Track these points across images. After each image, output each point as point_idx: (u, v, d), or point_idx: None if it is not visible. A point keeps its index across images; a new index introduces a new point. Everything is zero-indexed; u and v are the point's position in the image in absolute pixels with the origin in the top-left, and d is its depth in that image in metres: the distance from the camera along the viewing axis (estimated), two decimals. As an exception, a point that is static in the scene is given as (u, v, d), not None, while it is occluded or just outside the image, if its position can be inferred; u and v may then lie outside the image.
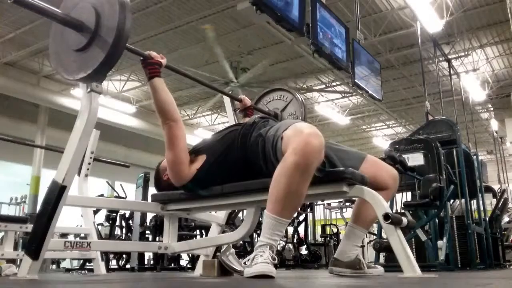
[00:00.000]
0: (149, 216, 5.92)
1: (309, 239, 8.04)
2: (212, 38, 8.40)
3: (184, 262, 6.90)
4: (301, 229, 7.79)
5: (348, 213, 8.73)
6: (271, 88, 2.82)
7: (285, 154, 1.56)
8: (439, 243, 3.79)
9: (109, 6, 1.53)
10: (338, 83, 11.93)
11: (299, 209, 6.09)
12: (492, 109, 13.74)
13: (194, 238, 5.81)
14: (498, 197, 5.53)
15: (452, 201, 4.43)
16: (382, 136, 16.29)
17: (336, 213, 10.47)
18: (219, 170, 1.84)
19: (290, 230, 7.69)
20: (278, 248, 6.92)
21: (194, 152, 1.91)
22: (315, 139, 1.53)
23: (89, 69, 1.54)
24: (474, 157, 4.71)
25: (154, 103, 1.84)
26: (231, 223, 5.05)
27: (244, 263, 1.56)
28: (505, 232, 6.85)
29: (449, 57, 9.11)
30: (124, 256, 6.12)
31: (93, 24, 1.54)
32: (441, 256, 3.68)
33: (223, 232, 2.60)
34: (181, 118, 1.91)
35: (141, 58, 1.86)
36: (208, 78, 10.97)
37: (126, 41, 1.54)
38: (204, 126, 14.49)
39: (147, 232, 6.03)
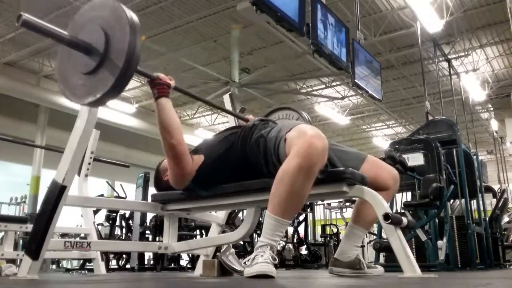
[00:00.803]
0: (149, 216, 5.92)
1: (309, 239, 8.04)
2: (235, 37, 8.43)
3: (184, 262, 6.90)
4: (301, 229, 7.79)
5: (348, 213, 8.73)
6: (276, 107, 2.80)
7: (289, 155, 1.56)
8: (439, 243, 3.79)
9: (119, 28, 1.47)
10: (338, 83, 11.93)
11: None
12: (492, 109, 13.74)
13: (194, 238, 5.81)
14: (498, 197, 5.53)
15: (452, 201, 4.43)
16: (382, 136, 16.29)
17: (336, 213, 10.47)
18: (219, 171, 1.84)
19: (290, 230, 7.69)
20: (278, 248, 6.91)
21: (194, 152, 1.91)
22: (319, 141, 1.53)
23: (98, 93, 1.47)
24: (474, 157, 4.71)
25: (158, 123, 1.79)
26: (231, 223, 5.05)
27: (244, 263, 1.57)
28: (505, 232, 6.85)
29: (449, 57, 9.11)
30: (124, 256, 6.11)
31: (102, 47, 1.47)
32: (441, 256, 3.69)
33: (223, 232, 2.60)
34: (182, 119, 1.91)
35: (149, 79, 1.83)
36: (208, 78, 11.00)
37: (137, 65, 1.47)
38: (204, 126, 14.49)
39: (147, 232, 6.03)
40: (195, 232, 6.13)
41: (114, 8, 1.52)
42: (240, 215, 5.65)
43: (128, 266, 5.92)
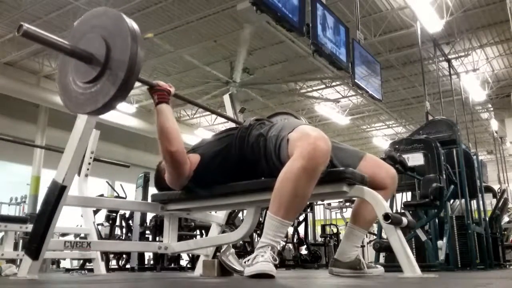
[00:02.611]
0: (149, 216, 5.92)
1: (309, 239, 8.03)
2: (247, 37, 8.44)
3: (184, 262, 6.90)
4: (301, 229, 7.79)
5: (348, 213, 8.72)
6: (273, 112, 2.79)
7: (292, 157, 1.56)
8: (439, 243, 3.79)
9: (120, 38, 1.46)
10: (338, 83, 11.93)
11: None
12: (492, 109, 13.74)
13: (194, 238, 5.81)
14: (498, 197, 5.53)
15: (452, 201, 4.43)
16: (382, 136, 16.29)
17: (336, 213, 10.48)
18: (216, 170, 1.84)
19: (290, 230, 7.68)
20: (279, 248, 6.92)
21: (192, 151, 1.91)
22: (323, 143, 1.54)
23: (99, 103, 1.47)
24: (474, 157, 4.71)
25: (158, 129, 1.78)
26: (231, 223, 5.05)
27: (245, 262, 1.57)
28: (505, 232, 6.86)
29: (449, 57, 9.11)
30: (124, 256, 6.11)
31: (103, 57, 1.47)
32: (441, 256, 3.68)
33: (223, 232, 2.60)
34: (182, 119, 1.91)
35: (149, 87, 1.83)
36: (208, 78, 11.00)
37: (138, 75, 1.46)
38: (204, 126, 14.49)
39: (147, 232, 6.03)
40: (195, 232, 6.13)
41: (115, 17, 1.51)
42: (240, 215, 5.65)
43: (128, 266, 5.92)
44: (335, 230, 8.89)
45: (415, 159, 3.81)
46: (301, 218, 7.64)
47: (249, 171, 1.79)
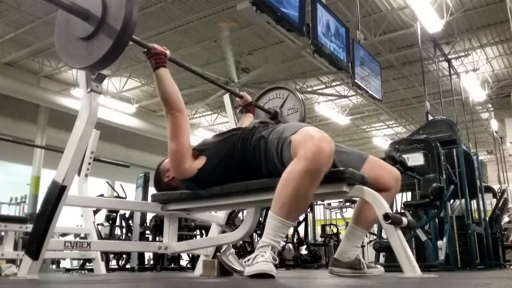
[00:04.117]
0: (149, 216, 5.92)
1: (309, 239, 8.04)
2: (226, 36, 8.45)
3: (184, 262, 6.90)
4: (301, 229, 7.79)
5: (348, 213, 8.73)
6: (265, 89, 2.79)
7: (295, 158, 1.55)
8: (439, 243, 3.79)
9: None
10: (338, 83, 11.93)
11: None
12: (492, 109, 13.74)
13: (194, 238, 5.81)
14: (498, 197, 5.53)
15: (452, 201, 4.43)
16: (382, 136, 16.29)
17: (336, 213, 10.47)
18: (220, 173, 1.84)
19: (290, 230, 7.68)
20: (279, 249, 6.92)
21: (196, 150, 1.91)
22: (327, 145, 1.53)
23: (95, 58, 1.53)
24: (474, 157, 4.71)
25: (159, 93, 1.84)
26: (231, 223, 5.05)
27: (245, 262, 1.57)
28: (505, 232, 6.85)
29: (449, 57, 9.11)
30: (124, 256, 6.11)
31: (99, 13, 1.52)
32: (441, 256, 3.69)
33: (223, 232, 2.60)
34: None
35: (146, 49, 1.86)
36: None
37: (133, 30, 1.52)
38: (204, 126, 14.49)
39: (147, 232, 6.03)
40: (195, 232, 6.13)
41: None
42: (240, 215, 5.65)
43: (128, 266, 5.91)
44: (335, 230, 8.89)
45: (415, 159, 3.81)
46: (301, 218, 7.63)
47: (251, 173, 1.79)
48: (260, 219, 4.65)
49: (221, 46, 9.40)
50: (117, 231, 6.63)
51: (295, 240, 7.63)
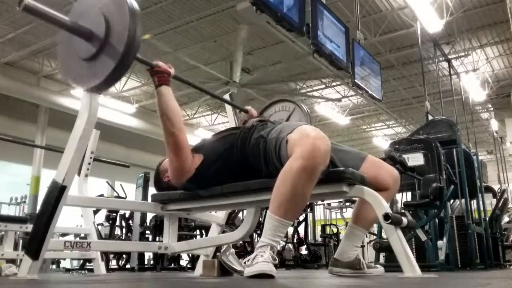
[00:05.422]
0: (149, 216, 5.92)
1: (309, 239, 8.04)
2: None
3: (184, 262, 6.90)
4: (301, 229, 7.79)
5: (348, 213, 8.72)
6: (272, 101, 2.79)
7: (291, 157, 1.56)
8: (439, 243, 3.79)
9: (119, 14, 1.48)
10: (338, 83, 11.93)
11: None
12: (492, 109, 13.74)
13: (194, 238, 5.81)
14: (498, 197, 5.53)
15: (452, 201, 4.43)
16: (382, 136, 16.29)
17: (336, 213, 10.47)
18: (218, 172, 1.84)
19: (290, 230, 7.68)
20: (278, 248, 6.92)
21: (194, 150, 1.91)
22: (322, 143, 1.54)
23: (99, 78, 1.50)
24: (474, 157, 4.71)
25: (159, 111, 1.81)
26: (231, 223, 5.05)
27: (244, 262, 1.57)
28: (505, 232, 6.85)
29: (449, 57, 9.10)
30: (124, 256, 6.11)
31: (102, 33, 1.49)
32: (441, 256, 3.69)
33: (223, 232, 2.60)
34: (182, 119, 1.91)
35: (149, 67, 1.84)
36: (208, 78, 10.99)
37: (137, 51, 1.49)
38: (204, 126, 14.49)
39: (147, 232, 6.03)
40: (195, 232, 6.13)
41: None
42: (240, 215, 5.65)
43: (128, 266, 5.91)
44: (335, 230, 8.89)
45: (415, 159, 3.81)
46: (301, 218, 7.64)
47: (250, 173, 1.79)
48: (260, 219, 4.64)
49: (227, 48, 9.40)
50: (117, 231, 6.63)
51: (295, 240, 7.63)
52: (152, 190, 2.44)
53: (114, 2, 1.52)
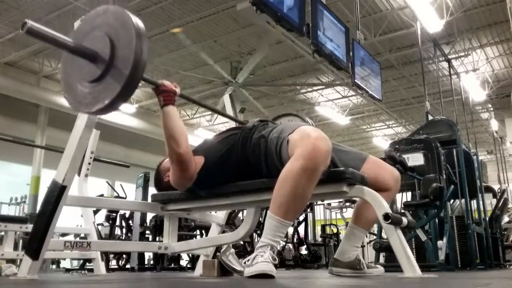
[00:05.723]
0: (149, 216, 5.92)
1: (309, 239, 8.03)
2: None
3: (184, 262, 6.90)
4: (301, 229, 7.78)
5: (348, 213, 8.72)
6: (277, 115, 2.79)
7: (292, 157, 1.56)
8: (439, 243, 3.79)
9: (125, 35, 1.43)
10: (338, 83, 11.93)
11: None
12: (492, 109, 13.74)
13: (194, 238, 5.81)
14: (498, 197, 5.53)
15: (452, 201, 4.43)
16: (382, 136, 16.28)
17: (336, 213, 10.47)
18: (219, 172, 1.84)
19: (290, 230, 7.68)
20: (278, 248, 6.92)
21: (194, 152, 1.90)
22: (323, 143, 1.54)
23: (104, 101, 1.43)
24: (474, 157, 4.71)
25: (164, 131, 1.76)
26: (231, 223, 5.04)
27: (245, 262, 1.57)
28: (505, 232, 6.85)
29: (449, 57, 9.10)
30: (124, 256, 6.11)
31: (107, 55, 1.44)
32: (441, 256, 3.68)
33: (223, 232, 2.60)
34: (182, 119, 1.90)
35: (154, 86, 1.81)
36: (208, 78, 10.99)
37: (143, 72, 1.44)
38: (204, 126, 14.48)
39: (147, 232, 6.03)
40: (195, 232, 6.13)
41: (119, 14, 1.49)
42: (240, 215, 5.65)
43: (128, 266, 5.91)
44: (335, 230, 8.88)
45: (415, 159, 3.81)
46: (301, 218, 7.63)
47: (251, 173, 1.79)
48: (260, 219, 4.64)
49: (228, 48, 9.39)
50: (117, 231, 6.63)
51: (295, 240, 7.63)
52: (152, 190, 2.45)
53: (120, 23, 1.47)
